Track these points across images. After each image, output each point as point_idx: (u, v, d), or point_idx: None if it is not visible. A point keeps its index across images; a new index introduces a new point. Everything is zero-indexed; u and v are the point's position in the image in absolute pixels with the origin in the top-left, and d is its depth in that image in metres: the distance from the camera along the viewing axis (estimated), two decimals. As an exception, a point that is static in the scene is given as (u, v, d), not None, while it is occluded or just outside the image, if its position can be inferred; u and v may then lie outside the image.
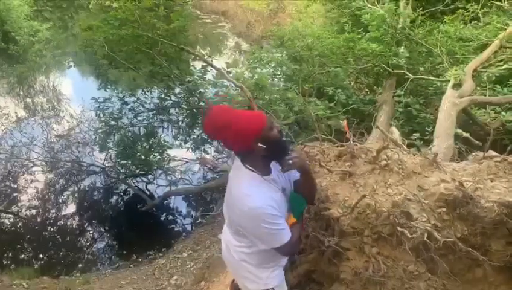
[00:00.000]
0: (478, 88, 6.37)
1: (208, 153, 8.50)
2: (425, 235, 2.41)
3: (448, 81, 6.14)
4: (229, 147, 2.01)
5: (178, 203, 8.34)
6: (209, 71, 7.47)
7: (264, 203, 1.89)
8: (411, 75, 6.98)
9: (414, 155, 3.09)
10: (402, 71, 7.15)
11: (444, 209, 2.54)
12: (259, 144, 1.89)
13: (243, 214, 1.91)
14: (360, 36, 7.76)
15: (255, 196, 1.91)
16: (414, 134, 5.07)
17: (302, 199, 2.16)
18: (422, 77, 7.17)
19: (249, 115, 1.93)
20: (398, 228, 2.46)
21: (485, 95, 6.14)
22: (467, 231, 2.48)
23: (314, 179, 2.24)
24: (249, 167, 1.97)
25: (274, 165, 2.05)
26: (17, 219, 7.80)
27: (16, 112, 11.12)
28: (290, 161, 1.97)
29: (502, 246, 2.48)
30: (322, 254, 2.87)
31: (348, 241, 2.72)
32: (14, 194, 8.36)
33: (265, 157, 1.96)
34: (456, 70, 6.47)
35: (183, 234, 7.39)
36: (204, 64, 7.40)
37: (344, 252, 2.71)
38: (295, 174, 2.14)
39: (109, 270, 6.04)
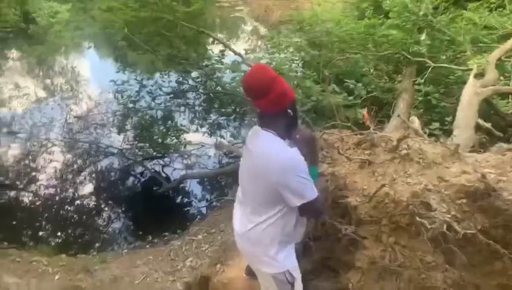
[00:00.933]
0: (501, 78, 6.23)
1: (223, 138, 8.53)
2: (445, 226, 2.38)
3: (471, 70, 6.01)
4: (266, 105, 1.98)
5: (193, 186, 8.40)
6: (226, 56, 7.45)
7: (295, 154, 1.97)
8: (432, 64, 6.85)
9: (435, 145, 3.04)
10: (423, 59, 7.03)
11: (465, 201, 2.50)
12: (289, 110, 1.99)
13: (281, 165, 1.93)
14: (380, 22, 7.62)
15: (285, 149, 1.99)
16: (433, 123, 5.01)
17: (315, 168, 2.19)
18: (444, 65, 7.03)
19: (285, 83, 2.02)
20: (417, 218, 2.43)
21: (509, 85, 6.00)
22: (488, 224, 2.44)
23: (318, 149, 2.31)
24: (273, 131, 2.01)
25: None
26: (36, 198, 7.96)
27: (35, 92, 11.27)
28: (298, 136, 2.11)
29: (523, 239, 2.45)
30: (338, 242, 2.86)
31: (365, 229, 2.71)
32: (33, 173, 8.52)
33: (286, 124, 2.03)
34: (479, 59, 6.33)
35: (198, 217, 7.46)
36: (222, 48, 7.37)
37: (361, 240, 2.70)
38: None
39: (125, 251, 6.15)
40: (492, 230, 2.44)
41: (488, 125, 4.97)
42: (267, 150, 1.98)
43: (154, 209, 7.52)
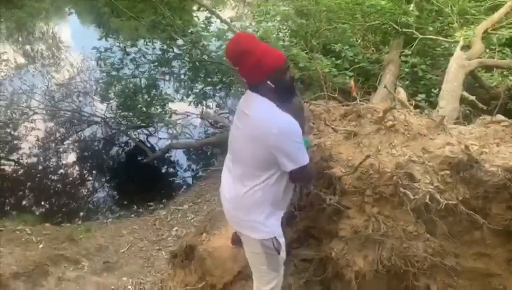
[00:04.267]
0: (487, 50, 6.24)
1: (209, 108, 8.46)
2: (428, 197, 2.41)
3: (457, 42, 6.00)
4: (243, 74, 2.03)
5: (179, 156, 8.39)
6: (212, 23, 7.27)
7: (292, 120, 1.98)
8: (419, 35, 6.81)
9: (421, 117, 3.05)
10: (410, 30, 6.98)
11: (448, 172, 2.53)
12: (268, 82, 1.96)
13: (280, 130, 1.95)
14: (369, -8, 7.49)
15: (282, 115, 1.98)
16: (419, 95, 5.02)
17: (306, 139, 2.21)
18: (431, 37, 7.00)
19: (270, 51, 2.00)
20: (401, 189, 2.46)
21: (494, 58, 6.02)
22: (469, 194, 2.48)
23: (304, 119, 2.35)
24: (262, 96, 2.02)
25: None
26: (18, 166, 7.86)
27: (15, 59, 10.93)
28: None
29: (502, 210, 2.49)
30: (322, 212, 2.89)
31: (349, 200, 2.73)
32: (15, 142, 8.38)
33: (272, 94, 2.01)
34: (466, 31, 6.32)
35: (184, 187, 7.48)
36: (208, 15, 7.19)
37: (344, 210, 2.73)
38: None
39: (110, 220, 6.16)
40: (473, 201, 2.49)
41: (473, 97, 5.01)
42: (265, 115, 2.00)
43: (139, 179, 7.53)
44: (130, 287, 3.87)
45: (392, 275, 2.62)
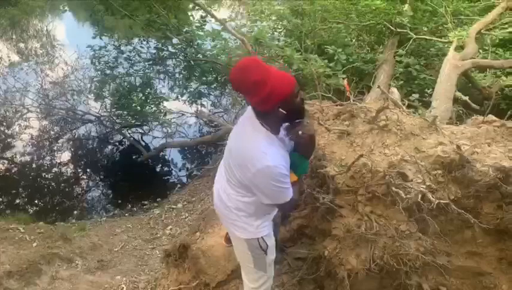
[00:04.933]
0: (480, 51, 6.28)
1: (204, 107, 8.45)
2: (420, 196, 2.43)
3: (451, 42, 6.04)
4: (252, 103, 1.93)
5: (173, 155, 8.39)
6: (207, 22, 7.27)
7: (278, 162, 1.89)
8: (414, 35, 6.85)
9: (413, 117, 3.07)
10: (405, 30, 7.02)
11: (440, 172, 2.56)
12: (281, 109, 1.86)
13: (257, 171, 1.89)
14: (364, -8, 7.52)
15: (271, 154, 1.89)
16: (413, 95, 5.04)
17: (306, 160, 2.17)
18: (425, 37, 7.05)
19: (281, 77, 1.86)
20: (393, 188, 2.48)
21: (487, 59, 6.07)
22: (460, 194, 2.51)
23: (315, 143, 2.23)
24: (264, 124, 1.95)
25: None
26: (12, 165, 7.82)
27: (8, 56, 10.85)
28: (300, 132, 1.95)
29: (493, 209, 2.52)
30: (315, 210, 2.91)
31: (342, 199, 2.75)
32: (8, 140, 8.34)
33: (282, 119, 1.94)
34: (459, 32, 6.36)
35: (178, 185, 7.47)
36: (203, 14, 7.19)
37: (337, 209, 2.75)
38: None
39: (104, 219, 6.15)
40: (464, 200, 2.52)
41: (466, 98, 5.04)
42: (252, 148, 1.93)
43: (134, 178, 7.51)
44: (123, 285, 3.86)
45: (385, 274, 2.65)
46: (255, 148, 1.91)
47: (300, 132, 1.95)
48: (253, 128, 1.97)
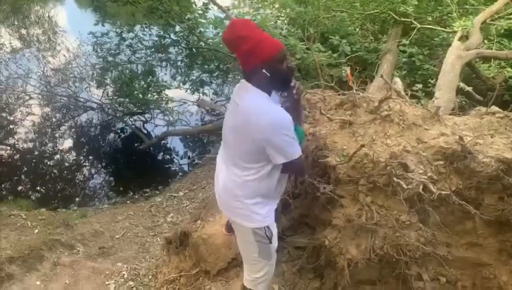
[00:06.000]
0: (485, 41, 6.22)
1: (206, 95, 8.43)
2: (421, 187, 2.43)
3: (456, 32, 5.99)
4: (239, 60, 2.02)
5: (175, 143, 8.40)
6: (210, 9, 7.20)
7: (283, 113, 1.96)
8: (418, 24, 6.79)
9: (416, 107, 3.06)
10: (409, 20, 6.95)
11: (442, 162, 2.55)
12: (264, 70, 1.94)
13: (267, 124, 1.92)
14: (368, -20, 7.44)
15: (274, 107, 1.98)
16: (416, 85, 5.01)
17: (301, 130, 2.18)
18: (429, 26, 6.97)
19: (267, 39, 1.96)
20: (394, 179, 2.48)
21: (492, 49, 6.01)
22: (462, 185, 2.51)
23: (303, 111, 2.32)
24: (255, 85, 2.00)
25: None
26: (14, 151, 7.84)
27: (10, 43, 10.80)
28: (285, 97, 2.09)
29: (494, 200, 2.52)
30: (316, 200, 2.91)
31: (343, 189, 2.75)
32: (11, 126, 8.34)
33: (267, 83, 2.00)
34: (464, 22, 6.29)
35: (180, 174, 7.49)
36: (206, 1, 7.12)
37: (338, 199, 2.75)
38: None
39: (106, 206, 6.17)
40: (466, 191, 2.52)
41: (469, 88, 5.01)
42: (254, 106, 1.97)
43: (135, 166, 7.53)
44: (124, 272, 3.88)
45: (384, 264, 2.66)
46: (257, 107, 1.97)
47: (286, 96, 2.08)
48: (247, 93, 2.02)
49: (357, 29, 7.98)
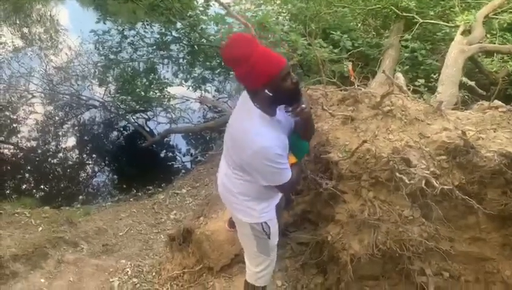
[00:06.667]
0: (488, 36, 6.18)
1: (208, 93, 8.42)
2: (423, 181, 2.43)
3: (458, 27, 5.95)
4: (239, 80, 1.93)
5: (178, 141, 8.41)
6: (211, 6, 7.19)
7: (272, 143, 1.87)
8: (420, 19, 6.75)
9: (418, 102, 3.05)
10: (411, 15, 6.92)
11: (444, 157, 2.54)
12: (266, 90, 1.83)
13: (251, 151, 1.88)
14: (370, -25, 7.40)
15: (264, 135, 1.87)
16: (419, 80, 4.99)
17: (305, 143, 2.16)
18: (432, 21, 6.94)
19: (268, 56, 1.82)
20: (397, 174, 2.47)
21: (494, 43, 5.98)
22: (465, 180, 2.50)
23: (313, 126, 2.23)
24: (257, 105, 1.92)
25: (279, 107, 2.01)
26: (18, 150, 7.86)
27: (12, 41, 10.82)
28: (295, 114, 1.95)
29: (497, 195, 2.51)
30: (319, 196, 2.92)
31: (346, 184, 2.75)
32: (14, 125, 8.37)
33: (270, 102, 1.91)
34: (467, 16, 6.26)
35: (183, 171, 7.50)
36: (207, -2, 7.10)
37: (341, 195, 2.75)
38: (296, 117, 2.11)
39: (109, 203, 6.19)
40: (468, 186, 2.51)
41: (472, 83, 4.99)
42: (248, 132, 1.91)
43: (138, 163, 7.54)
44: (128, 269, 3.89)
45: (387, 259, 2.66)
46: (248, 130, 1.90)
47: (295, 114, 1.95)
48: (247, 109, 1.95)
49: (359, 25, 7.95)
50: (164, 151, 8.35)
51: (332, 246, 2.72)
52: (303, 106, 1.96)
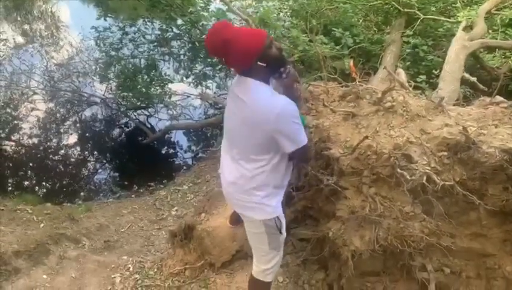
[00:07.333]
0: (489, 31, 6.16)
1: (209, 89, 8.42)
2: (425, 177, 2.42)
3: (460, 22, 5.93)
4: (232, 63, 2.03)
5: (179, 137, 8.41)
6: (212, 2, 7.18)
7: (287, 101, 1.99)
8: (421, 15, 6.72)
9: (420, 98, 3.04)
10: (412, 10, 6.88)
11: (445, 153, 2.54)
12: (259, 63, 1.96)
13: (274, 115, 1.94)
14: (372, -30, 7.37)
15: (278, 97, 2.01)
16: (420, 76, 4.98)
17: (301, 116, 2.17)
18: (433, 17, 6.90)
19: (249, 33, 1.97)
20: (398, 170, 2.47)
21: (496, 39, 5.96)
22: (466, 175, 2.50)
23: (298, 89, 2.32)
24: (257, 79, 2.02)
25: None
26: (19, 147, 7.88)
27: (13, 38, 10.82)
28: (284, 77, 2.10)
29: (498, 191, 2.51)
30: (320, 192, 2.92)
31: (347, 180, 2.75)
32: (15, 122, 8.38)
33: (266, 73, 2.03)
34: (468, 12, 6.23)
35: (184, 167, 7.51)
36: (208, -6, 7.09)
37: (342, 191, 2.75)
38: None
39: (111, 200, 6.21)
40: (470, 182, 2.50)
41: (474, 79, 4.97)
42: (262, 99, 1.99)
43: (139, 160, 7.56)
44: (130, 265, 3.90)
45: (388, 255, 2.67)
46: (263, 99, 1.99)
47: (284, 77, 2.09)
48: (251, 87, 2.03)
49: (360, 21, 7.92)
50: (165, 147, 8.36)
51: (333, 242, 2.72)
52: (288, 66, 2.11)
